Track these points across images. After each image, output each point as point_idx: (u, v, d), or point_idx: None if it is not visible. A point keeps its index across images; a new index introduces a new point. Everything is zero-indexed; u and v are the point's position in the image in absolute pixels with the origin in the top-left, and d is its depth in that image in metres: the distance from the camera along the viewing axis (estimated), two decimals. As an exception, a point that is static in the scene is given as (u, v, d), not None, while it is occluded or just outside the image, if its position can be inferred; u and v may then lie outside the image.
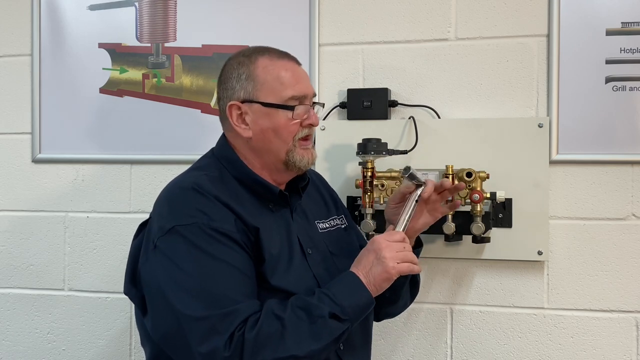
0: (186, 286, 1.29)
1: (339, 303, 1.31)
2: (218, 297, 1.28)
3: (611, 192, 1.84)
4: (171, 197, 1.40)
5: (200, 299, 1.27)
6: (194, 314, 1.26)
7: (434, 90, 1.94)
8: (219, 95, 1.48)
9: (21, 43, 2.23)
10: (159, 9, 2.13)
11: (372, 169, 1.80)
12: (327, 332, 1.29)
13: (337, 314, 1.30)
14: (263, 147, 1.44)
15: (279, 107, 1.42)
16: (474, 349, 1.92)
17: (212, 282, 1.29)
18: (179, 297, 1.28)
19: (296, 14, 2.02)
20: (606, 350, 1.84)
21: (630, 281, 1.83)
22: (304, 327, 1.28)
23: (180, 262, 1.31)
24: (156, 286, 1.33)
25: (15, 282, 2.24)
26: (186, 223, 1.32)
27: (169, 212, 1.37)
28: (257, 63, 1.43)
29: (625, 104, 1.82)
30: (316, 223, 1.55)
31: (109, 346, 2.17)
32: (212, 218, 1.33)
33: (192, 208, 1.34)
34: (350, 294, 1.34)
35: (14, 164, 2.24)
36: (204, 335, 1.25)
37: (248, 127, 1.43)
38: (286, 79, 1.43)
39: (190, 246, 1.31)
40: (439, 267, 1.93)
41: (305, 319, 1.29)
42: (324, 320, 1.29)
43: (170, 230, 1.33)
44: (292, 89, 1.43)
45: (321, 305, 1.30)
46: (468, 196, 1.75)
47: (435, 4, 1.94)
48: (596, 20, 1.83)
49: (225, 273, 1.31)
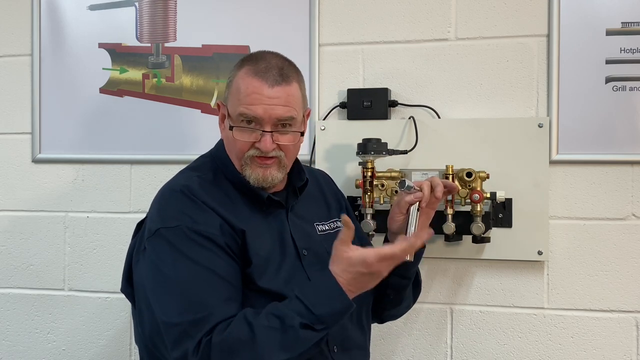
0: (165, 290, 1.31)
1: (314, 312, 1.25)
2: (194, 303, 1.28)
3: (611, 192, 1.84)
4: (161, 198, 1.42)
5: (177, 304, 1.29)
6: (169, 319, 1.28)
7: (434, 90, 1.94)
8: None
9: (21, 43, 2.23)
10: (159, 9, 2.13)
11: (372, 169, 1.80)
12: (299, 343, 1.25)
13: (309, 324, 1.24)
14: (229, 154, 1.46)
15: (229, 119, 1.41)
16: (474, 349, 1.92)
17: (189, 287, 1.30)
18: (159, 301, 1.31)
19: (296, 14, 2.02)
20: (606, 350, 1.84)
21: (630, 281, 1.83)
22: (276, 335, 1.24)
23: (162, 266, 1.32)
24: (142, 289, 1.37)
25: (15, 282, 2.24)
26: (170, 226, 1.34)
27: (157, 214, 1.39)
28: (240, 71, 1.42)
29: (625, 104, 1.82)
30: (315, 225, 1.53)
31: (109, 346, 2.17)
32: (197, 221, 1.34)
33: (178, 210, 1.35)
34: (327, 301, 1.26)
35: (14, 164, 2.24)
36: (177, 340, 1.27)
37: (223, 131, 1.47)
38: (243, 96, 1.38)
39: (172, 249, 1.32)
40: (439, 267, 1.93)
41: (278, 327, 1.25)
42: (294, 330, 1.24)
43: (156, 232, 1.35)
44: (244, 107, 1.38)
45: (293, 315, 1.25)
46: (468, 196, 1.75)
47: (435, 4, 1.94)
48: (596, 20, 1.83)
49: (204, 278, 1.30)
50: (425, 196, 1.48)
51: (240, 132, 1.39)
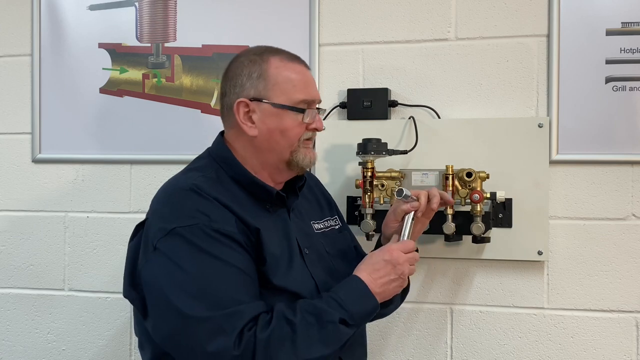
0: (189, 287, 1.28)
1: (347, 309, 1.32)
2: (221, 298, 1.27)
3: (611, 192, 1.84)
4: (170, 198, 1.39)
5: (203, 300, 1.26)
6: (198, 314, 1.25)
7: (434, 90, 1.94)
8: (224, 91, 1.47)
9: (21, 43, 2.23)
10: (159, 9, 2.13)
11: (372, 169, 1.81)
12: (336, 338, 1.31)
13: (346, 320, 1.31)
14: (267, 147, 1.43)
15: (290, 109, 1.42)
16: (474, 349, 1.92)
17: (214, 283, 1.29)
18: (181, 299, 1.27)
19: (296, 14, 2.02)
20: (606, 350, 1.84)
21: (630, 281, 1.83)
22: (314, 332, 1.28)
23: (182, 264, 1.29)
24: (158, 288, 1.31)
25: (15, 282, 2.24)
26: (187, 224, 1.31)
27: (169, 213, 1.36)
28: (270, 62, 1.42)
29: (625, 104, 1.82)
30: (312, 223, 1.55)
31: (109, 346, 2.17)
32: (213, 219, 1.32)
33: (193, 209, 1.33)
34: (357, 300, 1.35)
35: (14, 164, 2.24)
36: (210, 335, 1.24)
37: (254, 126, 1.42)
38: (297, 82, 1.43)
39: (191, 247, 1.30)
40: (439, 267, 1.93)
41: (315, 323, 1.29)
42: (335, 325, 1.30)
43: (171, 231, 1.31)
44: (303, 93, 1.43)
45: (331, 310, 1.31)
46: (468, 196, 1.75)
47: (435, 4, 1.94)
48: (596, 20, 1.83)
49: (227, 273, 1.30)
50: (422, 206, 1.51)
51: (310, 114, 1.44)
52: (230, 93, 1.44)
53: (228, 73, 1.47)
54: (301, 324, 1.28)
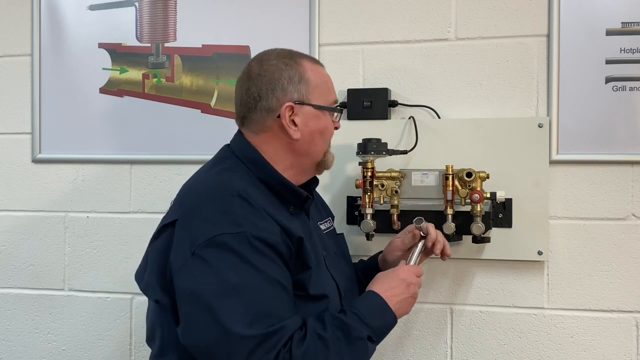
0: (232, 300, 1.24)
1: (371, 325, 1.35)
2: (265, 314, 1.25)
3: (611, 192, 1.84)
4: (215, 200, 1.33)
5: (246, 315, 1.23)
6: (241, 331, 1.22)
7: (434, 90, 1.94)
8: (258, 94, 1.42)
9: (21, 43, 2.23)
10: (159, 9, 2.13)
11: (372, 169, 1.80)
12: (364, 354, 1.35)
13: (371, 337, 1.35)
14: (306, 149, 1.45)
15: (330, 109, 1.47)
16: (474, 349, 1.92)
17: (258, 297, 1.26)
18: (224, 312, 1.23)
19: (296, 14, 2.02)
20: (606, 350, 1.84)
21: (630, 281, 1.83)
22: (344, 348, 1.30)
23: (225, 273, 1.25)
24: (198, 297, 1.26)
25: (15, 282, 2.24)
26: (233, 232, 1.27)
27: (213, 217, 1.30)
28: (305, 66, 1.44)
29: (625, 104, 1.82)
30: (319, 225, 1.57)
31: (109, 346, 2.17)
32: (260, 228, 1.29)
33: (239, 216, 1.29)
34: (379, 316, 1.38)
35: (14, 164, 2.24)
36: (251, 352, 1.22)
37: (297, 129, 1.42)
38: (329, 84, 1.49)
39: (236, 257, 1.26)
40: (439, 267, 1.93)
41: (343, 340, 1.30)
42: (363, 342, 1.33)
43: (214, 238, 1.27)
44: (334, 94, 1.50)
45: (358, 327, 1.33)
46: (468, 196, 1.75)
47: (435, 4, 1.94)
48: (596, 20, 1.83)
49: (270, 288, 1.28)
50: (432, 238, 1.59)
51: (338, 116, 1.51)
52: (270, 97, 1.41)
53: (264, 76, 1.42)
54: (332, 341, 1.29)
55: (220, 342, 1.24)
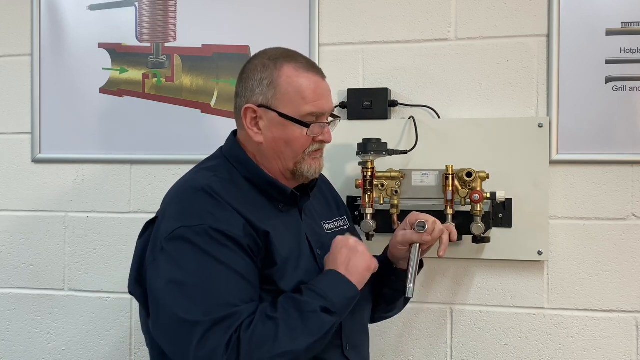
0: (187, 289, 1.28)
1: (327, 298, 1.32)
2: (218, 302, 1.27)
3: (611, 192, 1.84)
4: (181, 197, 1.39)
5: (199, 303, 1.26)
6: (191, 318, 1.25)
7: (434, 90, 1.94)
8: (237, 92, 1.46)
9: (21, 43, 2.23)
10: (159, 9, 2.13)
11: (372, 169, 1.81)
12: (318, 326, 1.30)
13: (328, 308, 1.31)
14: (272, 154, 1.44)
15: (296, 121, 1.40)
16: (474, 349, 1.92)
17: (212, 287, 1.28)
18: (178, 300, 1.27)
19: (296, 14, 2.02)
20: (606, 350, 1.84)
21: (630, 281, 1.83)
22: (296, 323, 1.29)
23: (183, 264, 1.30)
24: (157, 287, 1.32)
25: (15, 282, 2.24)
26: (193, 224, 1.31)
27: (177, 212, 1.36)
28: (282, 71, 1.40)
29: (625, 104, 1.82)
30: (323, 224, 1.56)
31: (109, 346, 2.17)
32: (220, 220, 1.32)
33: (201, 209, 1.33)
34: (336, 287, 1.35)
35: (14, 164, 2.24)
36: (201, 339, 1.24)
37: (260, 132, 1.42)
38: (308, 94, 1.40)
39: (194, 248, 1.30)
40: (439, 267, 1.93)
41: (296, 316, 1.29)
42: (316, 314, 1.30)
43: (176, 230, 1.31)
44: (312, 105, 1.41)
45: (311, 300, 1.31)
46: (468, 196, 1.75)
47: (435, 4, 1.94)
48: (596, 20, 1.83)
49: (227, 278, 1.29)
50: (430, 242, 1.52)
51: (317, 128, 1.41)
52: (242, 96, 1.44)
53: (242, 75, 1.46)
54: (282, 318, 1.28)
55: (174, 330, 1.27)
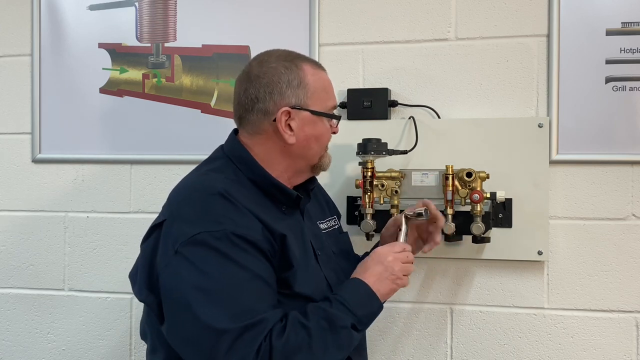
0: (212, 296, 1.25)
1: (356, 313, 1.33)
2: (245, 308, 1.25)
3: (611, 192, 1.84)
4: (196, 200, 1.34)
5: (226, 310, 1.24)
6: (219, 325, 1.22)
7: (434, 90, 1.94)
8: (256, 96, 1.42)
9: (21, 43, 2.23)
10: (159, 9, 2.13)
11: (372, 169, 1.81)
12: (349, 343, 1.32)
13: (356, 325, 1.33)
14: (301, 153, 1.44)
15: (328, 116, 1.46)
16: (474, 349, 1.92)
17: (238, 293, 1.26)
18: (204, 308, 1.24)
19: (296, 14, 2.02)
20: (606, 350, 1.84)
21: (630, 281, 1.83)
22: (328, 337, 1.29)
23: (206, 270, 1.26)
24: (178, 294, 1.27)
25: (15, 282, 2.24)
26: (213, 229, 1.28)
27: (194, 216, 1.32)
28: (305, 70, 1.43)
29: (625, 104, 1.82)
30: (318, 224, 1.56)
31: (109, 346, 2.17)
32: (239, 225, 1.30)
33: (220, 214, 1.31)
34: (364, 303, 1.36)
35: (14, 164, 2.24)
36: (231, 347, 1.22)
37: (293, 134, 1.42)
38: (329, 89, 1.48)
39: (216, 254, 1.27)
40: (439, 267, 1.93)
41: (328, 329, 1.29)
42: (348, 331, 1.31)
43: (195, 236, 1.28)
44: (333, 100, 1.49)
45: (342, 315, 1.31)
46: (468, 196, 1.75)
47: (435, 4, 1.94)
48: (596, 20, 1.83)
49: (251, 283, 1.28)
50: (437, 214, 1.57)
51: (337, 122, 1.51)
52: (267, 100, 1.41)
53: (261, 79, 1.42)
54: (315, 330, 1.28)
55: (200, 338, 1.24)
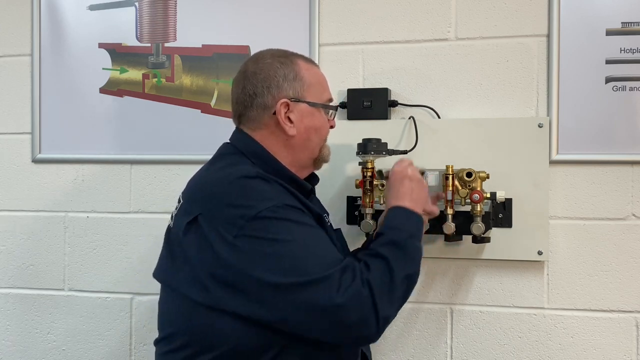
0: (300, 256, 1.28)
1: (408, 229, 1.43)
2: (332, 257, 1.31)
3: (611, 192, 1.84)
4: (238, 186, 1.36)
5: (318, 262, 1.28)
6: (320, 275, 1.26)
7: (434, 90, 1.94)
8: (254, 92, 1.46)
9: (21, 43, 2.23)
10: (159, 9, 2.13)
11: (372, 169, 1.80)
12: (416, 253, 1.42)
13: (414, 235, 1.43)
14: (302, 145, 1.49)
15: (325, 107, 1.52)
16: (474, 349, 1.92)
17: (319, 246, 1.33)
18: (297, 270, 1.27)
19: (296, 14, 2.02)
20: (606, 350, 1.84)
21: (630, 281, 1.83)
22: (400, 254, 1.37)
23: (279, 237, 1.29)
24: (264, 270, 1.27)
25: (15, 282, 2.24)
26: (268, 205, 1.31)
27: (243, 200, 1.33)
28: (299, 65, 1.49)
29: (625, 104, 1.82)
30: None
31: (109, 346, 2.17)
32: (288, 200, 1.36)
33: (267, 192, 1.35)
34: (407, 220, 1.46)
35: (14, 164, 2.24)
36: (339, 284, 1.26)
37: (293, 125, 1.47)
38: (324, 83, 1.55)
39: (281, 221, 1.31)
40: (439, 267, 1.93)
41: (394, 249, 1.37)
42: (411, 242, 1.41)
43: (255, 216, 1.29)
44: (328, 93, 1.56)
45: (399, 233, 1.41)
46: (468, 196, 1.75)
47: (435, 4, 1.94)
48: (596, 20, 1.83)
49: (324, 237, 1.37)
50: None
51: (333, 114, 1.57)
52: (265, 94, 1.46)
53: (257, 75, 1.47)
54: (388, 253, 1.35)
55: (309, 296, 1.26)
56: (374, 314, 1.27)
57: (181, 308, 1.40)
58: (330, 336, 1.29)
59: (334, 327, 1.27)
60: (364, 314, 1.26)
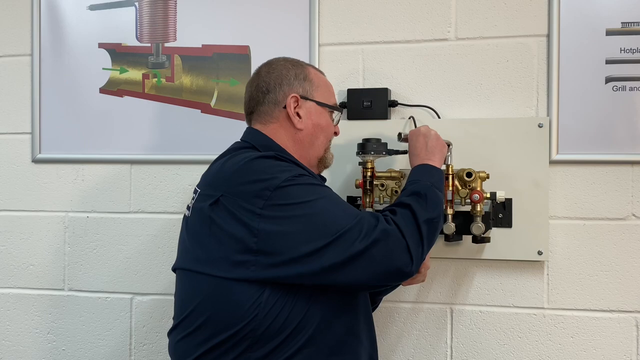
0: (327, 211, 1.36)
1: (428, 180, 1.52)
2: (354, 210, 1.40)
3: (611, 192, 1.84)
4: (257, 165, 1.42)
5: (345, 213, 1.36)
6: (352, 222, 1.34)
7: (434, 90, 1.94)
8: (266, 88, 1.56)
9: (21, 43, 2.23)
10: (159, 9, 2.13)
11: (372, 169, 1.80)
12: (437, 199, 1.50)
13: (434, 185, 1.52)
14: (309, 142, 1.57)
15: (331, 107, 1.61)
16: (474, 349, 1.92)
17: (341, 202, 1.42)
18: (330, 226, 1.34)
19: (296, 14, 2.02)
20: (606, 350, 1.84)
21: (630, 281, 1.83)
22: (422, 201, 1.46)
23: (307, 198, 1.37)
24: (296, 232, 1.35)
25: (15, 282, 2.24)
26: (288, 176, 1.38)
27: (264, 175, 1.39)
28: (310, 70, 1.60)
29: (625, 104, 1.82)
30: None
31: (109, 346, 2.17)
32: (302, 172, 1.44)
33: (285, 166, 1.43)
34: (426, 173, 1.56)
35: (14, 164, 2.24)
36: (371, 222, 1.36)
37: (301, 120, 1.55)
38: (331, 90, 1.65)
39: (303, 186, 1.39)
40: (439, 267, 1.93)
41: (417, 198, 1.46)
42: (431, 189, 1.49)
43: (279, 185, 1.36)
44: (334, 99, 1.66)
45: (420, 184, 1.50)
46: (468, 196, 1.75)
47: (435, 4, 1.94)
48: (596, 20, 1.83)
49: (339, 198, 1.45)
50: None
51: (338, 117, 1.65)
52: (277, 90, 1.55)
53: (272, 73, 1.57)
54: (411, 202, 1.45)
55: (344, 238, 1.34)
56: (406, 246, 1.37)
57: (204, 286, 1.42)
58: (371, 276, 1.36)
59: (373, 264, 1.35)
60: (396, 245, 1.36)
